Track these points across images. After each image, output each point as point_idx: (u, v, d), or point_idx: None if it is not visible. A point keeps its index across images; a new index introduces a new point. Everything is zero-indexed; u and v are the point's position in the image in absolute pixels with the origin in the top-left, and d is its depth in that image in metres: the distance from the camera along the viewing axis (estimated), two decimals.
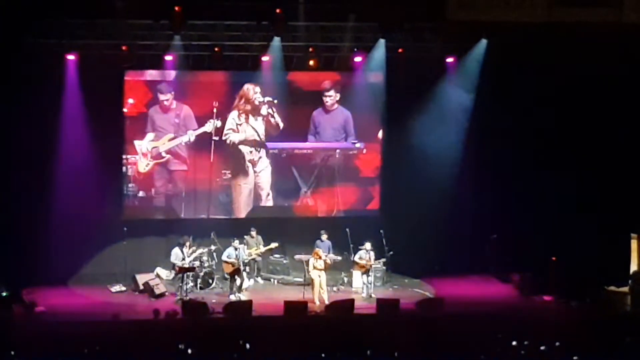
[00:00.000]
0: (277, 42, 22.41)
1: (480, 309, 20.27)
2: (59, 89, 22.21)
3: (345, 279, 22.50)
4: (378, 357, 15.45)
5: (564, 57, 22.14)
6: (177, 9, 21.05)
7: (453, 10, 21.33)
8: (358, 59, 23.36)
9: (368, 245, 21.71)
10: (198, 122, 23.45)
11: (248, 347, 15.75)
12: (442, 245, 23.46)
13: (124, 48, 21.94)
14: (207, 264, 21.97)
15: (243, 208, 24.07)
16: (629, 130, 22.83)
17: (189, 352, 15.42)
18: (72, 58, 22.07)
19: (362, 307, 20.37)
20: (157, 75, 23.27)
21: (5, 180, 21.81)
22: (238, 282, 21.23)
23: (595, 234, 22.44)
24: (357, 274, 22.12)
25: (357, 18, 22.08)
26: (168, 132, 23.43)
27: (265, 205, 24.17)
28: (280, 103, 23.70)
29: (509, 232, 23.23)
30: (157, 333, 17.67)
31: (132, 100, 23.20)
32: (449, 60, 23.60)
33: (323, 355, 15.38)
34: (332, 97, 23.99)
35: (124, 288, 21.81)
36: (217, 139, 23.51)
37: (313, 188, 24.32)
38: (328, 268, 21.16)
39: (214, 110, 23.39)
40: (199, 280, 21.65)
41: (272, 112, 23.69)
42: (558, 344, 15.86)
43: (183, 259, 21.14)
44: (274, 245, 22.38)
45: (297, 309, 19.45)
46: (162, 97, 23.28)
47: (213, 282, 21.99)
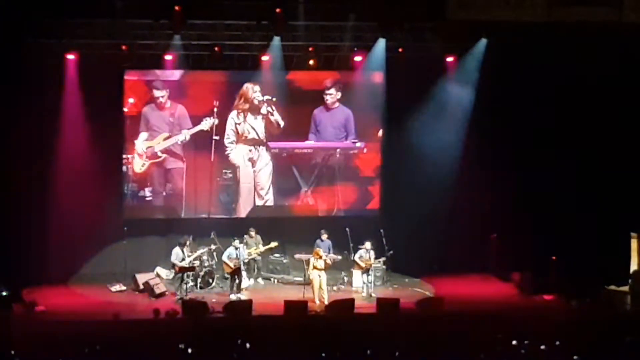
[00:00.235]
0: (277, 41, 22.42)
1: (480, 309, 20.26)
2: (59, 89, 22.23)
3: (346, 279, 22.49)
4: (378, 356, 15.42)
5: (564, 56, 22.15)
6: (177, 9, 21.05)
7: (453, 10, 21.34)
8: (358, 59, 23.37)
9: (368, 245, 21.73)
10: (197, 121, 23.46)
11: (248, 346, 15.73)
12: (442, 245, 23.48)
13: (124, 48, 21.97)
14: (207, 264, 21.98)
15: (243, 207, 24.07)
16: (629, 130, 22.83)
17: (189, 351, 15.38)
18: (72, 58, 22.10)
19: (362, 306, 20.37)
20: (157, 75, 23.28)
21: (6, 180, 21.81)
22: (238, 281, 21.24)
23: (595, 233, 22.44)
24: (357, 274, 22.12)
25: (357, 17, 22.07)
26: (162, 131, 23.41)
27: (266, 205, 24.17)
28: (281, 102, 23.71)
29: (509, 231, 23.22)
30: (157, 332, 17.65)
31: (132, 100, 23.21)
32: (449, 60, 23.62)
33: (323, 355, 15.35)
34: (332, 95, 23.99)
35: (124, 287, 21.83)
36: (217, 138, 23.51)
37: (313, 187, 24.32)
38: (328, 268, 21.16)
39: (215, 110, 23.41)
40: (199, 280, 21.65)
41: (271, 110, 23.68)
42: (558, 343, 15.83)
43: (183, 259, 21.15)
44: (274, 245, 22.39)
45: (297, 309, 19.43)
46: (157, 93, 23.23)
47: (213, 281, 21.99)
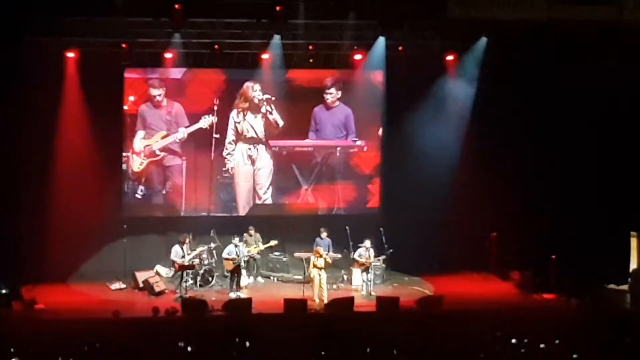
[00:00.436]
0: (277, 40, 22.44)
1: (480, 307, 20.25)
2: (59, 87, 22.24)
3: (345, 277, 22.49)
4: (378, 355, 15.41)
5: (564, 55, 22.14)
6: (177, 7, 21.06)
7: (453, 8, 21.35)
8: (358, 57, 23.38)
9: (367, 243, 21.71)
10: (196, 119, 23.44)
11: (248, 344, 15.73)
12: (442, 243, 23.47)
13: (124, 45, 21.99)
14: (206, 262, 21.98)
15: (243, 206, 24.07)
16: (629, 129, 22.82)
17: (189, 349, 15.38)
18: (72, 55, 22.12)
19: (361, 304, 20.37)
20: (157, 73, 23.27)
21: (5, 178, 21.80)
22: (237, 279, 21.23)
23: (595, 232, 22.42)
24: (356, 272, 22.12)
25: (357, 16, 22.07)
26: (160, 129, 23.41)
27: (265, 203, 24.18)
28: (281, 101, 23.71)
29: (509, 230, 23.22)
30: (156, 331, 17.59)
31: (132, 98, 23.21)
32: (449, 58, 23.63)
33: (323, 353, 15.34)
34: (333, 94, 23.99)
35: (124, 286, 21.84)
36: (217, 137, 23.50)
37: (313, 186, 24.32)
38: (328, 266, 21.14)
39: (215, 108, 23.41)
40: (199, 278, 21.66)
41: (270, 109, 23.67)
42: (558, 342, 15.83)
43: (183, 257, 21.14)
44: (273, 243, 22.37)
45: (296, 307, 19.41)
46: (154, 92, 23.25)
47: (213, 279, 21.98)
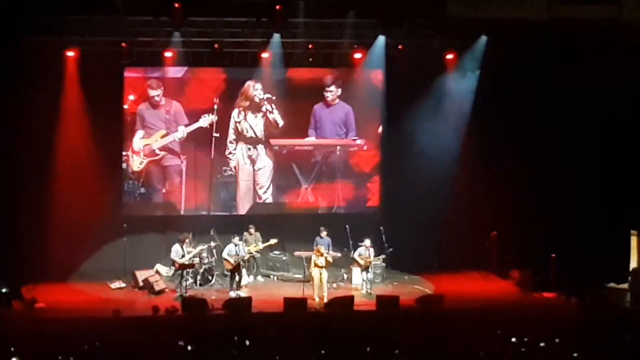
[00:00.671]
0: (277, 38, 22.43)
1: (480, 306, 20.25)
2: (59, 86, 22.23)
3: (345, 276, 22.49)
4: (378, 353, 15.42)
5: (564, 54, 22.13)
6: (176, 6, 21.07)
7: (453, 7, 21.36)
8: (358, 56, 23.37)
9: (368, 242, 21.69)
10: (196, 118, 23.45)
11: (248, 343, 15.73)
12: (442, 242, 23.48)
13: (124, 45, 21.99)
14: (206, 261, 21.98)
15: (243, 205, 24.07)
16: (629, 128, 22.81)
17: (189, 348, 15.38)
18: (72, 55, 22.11)
19: (361, 303, 20.38)
20: (156, 72, 23.26)
21: (6, 177, 21.79)
22: (237, 278, 21.24)
23: (595, 231, 22.42)
24: (356, 271, 22.12)
25: (356, 14, 22.08)
26: (159, 128, 23.41)
27: (265, 202, 24.18)
28: (280, 100, 23.71)
29: (509, 228, 23.22)
30: (156, 330, 17.62)
31: (132, 97, 23.21)
32: (449, 57, 23.62)
33: (323, 352, 15.35)
34: (333, 92, 24.00)
35: (124, 285, 21.84)
36: (217, 136, 23.50)
37: (313, 184, 24.32)
38: (329, 265, 21.12)
39: (215, 107, 23.41)
40: (199, 277, 21.66)
41: (270, 109, 23.67)
42: (558, 341, 15.83)
43: (183, 256, 21.14)
44: (273, 242, 22.35)
45: (296, 306, 19.42)
46: (152, 92, 23.25)
47: (213, 278, 21.98)
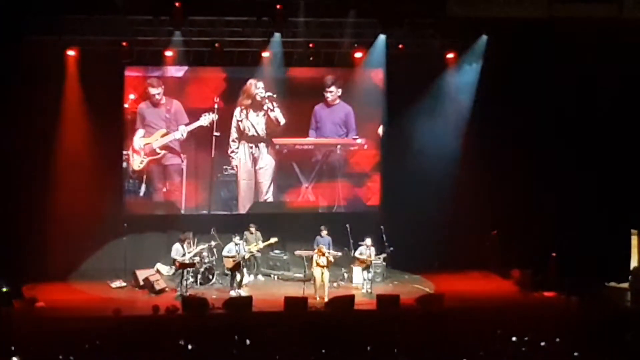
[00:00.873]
0: (277, 38, 22.44)
1: (480, 305, 20.27)
2: (60, 85, 22.23)
3: (346, 275, 22.49)
4: (378, 353, 15.43)
5: (564, 53, 22.13)
6: (177, 5, 21.10)
7: (453, 7, 21.37)
8: (358, 55, 23.37)
9: (368, 241, 21.70)
10: (196, 117, 23.44)
11: (248, 342, 15.75)
12: (442, 241, 23.46)
13: (124, 44, 21.99)
14: (207, 260, 21.98)
15: (243, 204, 24.08)
16: (629, 127, 22.80)
17: (189, 347, 15.39)
18: (72, 54, 22.11)
19: (362, 302, 20.38)
20: (157, 71, 23.27)
21: (6, 176, 21.80)
22: (238, 277, 21.25)
23: (595, 230, 22.42)
24: (357, 270, 22.13)
25: (357, 14, 22.09)
26: (159, 127, 23.41)
27: (266, 201, 24.18)
28: (281, 99, 23.71)
29: (509, 228, 23.22)
30: (157, 329, 17.63)
31: (133, 96, 23.22)
32: (449, 56, 23.62)
33: (323, 351, 15.36)
34: (333, 92, 24.00)
35: (124, 284, 21.85)
36: (218, 135, 23.51)
37: (314, 183, 24.32)
38: (330, 265, 21.13)
39: (215, 106, 23.41)
40: (199, 276, 21.67)
41: (271, 107, 23.68)
42: (558, 340, 15.84)
43: (183, 255, 21.15)
44: (273, 241, 22.34)
45: (297, 305, 19.42)
46: (152, 90, 23.26)
47: (213, 277, 21.99)
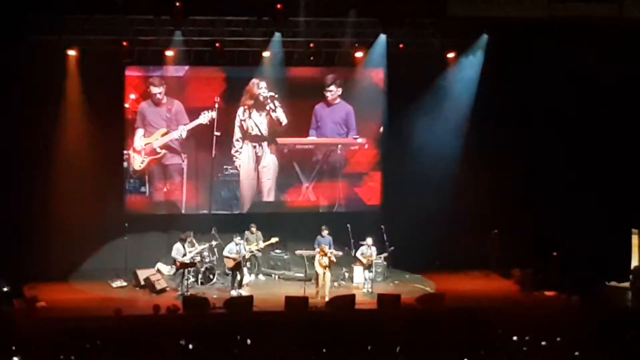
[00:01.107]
0: (277, 37, 22.44)
1: (481, 305, 20.25)
2: (60, 85, 22.22)
3: (347, 275, 22.49)
4: (379, 352, 15.44)
5: (564, 52, 22.13)
6: (178, 5, 21.11)
7: (454, 6, 21.39)
8: (359, 55, 23.37)
9: (369, 241, 21.70)
10: (196, 117, 23.43)
11: (249, 342, 15.75)
12: (442, 241, 23.45)
13: (125, 44, 22.00)
14: (208, 260, 21.98)
15: (244, 203, 24.09)
16: (630, 125, 22.80)
17: (190, 347, 15.41)
18: (73, 54, 22.11)
19: (363, 302, 20.38)
20: (157, 71, 23.26)
21: (7, 176, 21.80)
22: (239, 277, 21.25)
23: (596, 230, 22.42)
24: (358, 270, 22.13)
25: (357, 13, 22.10)
26: (160, 127, 23.40)
27: (267, 201, 24.18)
28: (281, 98, 23.72)
29: (510, 227, 23.22)
30: (158, 328, 17.65)
31: (133, 96, 23.22)
32: (450, 56, 23.63)
33: (324, 351, 15.37)
34: (333, 92, 23.99)
35: (125, 283, 21.85)
36: (218, 134, 23.51)
37: (314, 183, 24.31)
38: (332, 265, 21.12)
39: (216, 106, 23.41)
40: (200, 276, 21.67)
41: (273, 107, 23.69)
42: (559, 340, 15.84)
43: (184, 254, 21.15)
44: (274, 240, 22.34)
45: (298, 305, 19.43)
46: (154, 90, 23.26)
47: (214, 277, 21.99)
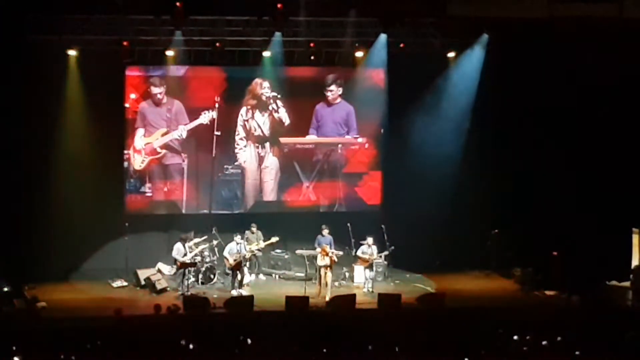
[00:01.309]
0: (278, 37, 22.44)
1: (482, 304, 20.29)
2: (61, 84, 22.23)
3: (347, 274, 22.49)
4: (379, 352, 15.45)
5: (565, 52, 22.12)
6: (178, 5, 21.08)
7: (454, 6, 21.39)
8: (359, 54, 23.37)
9: (370, 240, 21.71)
10: (197, 117, 23.43)
11: (249, 342, 15.76)
12: (443, 241, 23.46)
13: (125, 43, 21.99)
14: (208, 259, 21.99)
15: (245, 203, 24.09)
16: (630, 125, 22.78)
17: (191, 347, 15.42)
18: (73, 54, 22.11)
19: (363, 302, 20.38)
20: (158, 71, 23.26)
21: (7, 175, 21.80)
22: (239, 277, 21.26)
23: (597, 229, 22.40)
24: (358, 269, 22.14)
25: (358, 13, 22.09)
26: (160, 127, 23.41)
27: (267, 200, 24.19)
28: (282, 98, 23.72)
29: (510, 227, 23.22)
30: (158, 328, 17.66)
31: (134, 96, 23.23)
32: (450, 56, 23.63)
33: (324, 350, 15.39)
34: (333, 91, 24.01)
35: (126, 283, 21.85)
36: (218, 134, 23.51)
37: (315, 183, 24.33)
38: (333, 264, 21.12)
39: (216, 106, 23.41)
40: (201, 276, 21.68)
41: (276, 108, 23.70)
42: (559, 339, 15.85)
43: (185, 254, 21.15)
44: (275, 240, 22.32)
45: (298, 304, 19.43)
46: (155, 90, 23.28)
47: (214, 277, 21.99)
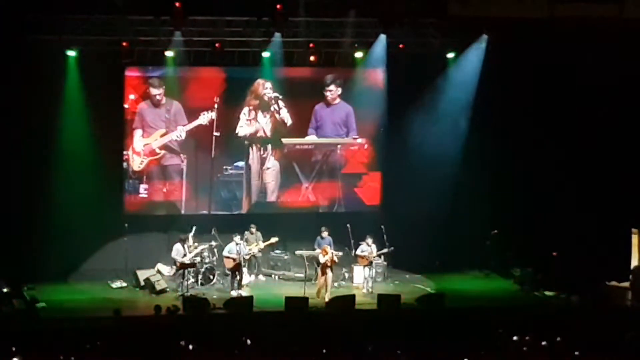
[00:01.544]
0: (277, 37, 22.44)
1: (481, 304, 20.28)
2: (60, 85, 22.21)
3: (347, 275, 22.49)
4: (379, 352, 15.44)
5: (565, 52, 22.12)
6: (177, 5, 21.09)
7: (454, 6, 21.39)
8: (359, 55, 23.36)
9: (369, 240, 21.71)
10: (196, 117, 23.43)
11: (249, 342, 15.75)
12: (443, 241, 23.45)
13: (125, 44, 21.98)
14: (208, 260, 21.98)
15: (244, 204, 24.08)
16: (629, 126, 22.79)
17: (190, 347, 15.41)
18: (72, 54, 22.09)
19: (363, 302, 20.37)
20: (157, 71, 23.25)
21: (6, 176, 21.79)
22: (239, 277, 21.25)
23: (596, 229, 22.42)
24: (358, 270, 22.14)
25: (357, 13, 22.10)
26: (159, 127, 23.38)
27: (267, 201, 24.18)
28: (282, 99, 23.71)
29: (510, 227, 23.22)
30: (158, 329, 17.65)
31: (133, 96, 23.21)
32: (450, 56, 23.61)
33: (324, 351, 15.37)
34: (332, 91, 23.99)
35: (125, 284, 21.84)
36: (218, 135, 23.50)
37: (314, 183, 24.31)
38: (334, 264, 21.11)
39: (215, 106, 23.40)
40: (200, 276, 21.66)
41: (277, 108, 23.70)
42: (559, 339, 15.84)
43: (184, 255, 21.14)
44: (274, 240, 22.33)
45: (298, 305, 19.42)
46: (153, 91, 23.24)
47: (214, 278, 21.98)
